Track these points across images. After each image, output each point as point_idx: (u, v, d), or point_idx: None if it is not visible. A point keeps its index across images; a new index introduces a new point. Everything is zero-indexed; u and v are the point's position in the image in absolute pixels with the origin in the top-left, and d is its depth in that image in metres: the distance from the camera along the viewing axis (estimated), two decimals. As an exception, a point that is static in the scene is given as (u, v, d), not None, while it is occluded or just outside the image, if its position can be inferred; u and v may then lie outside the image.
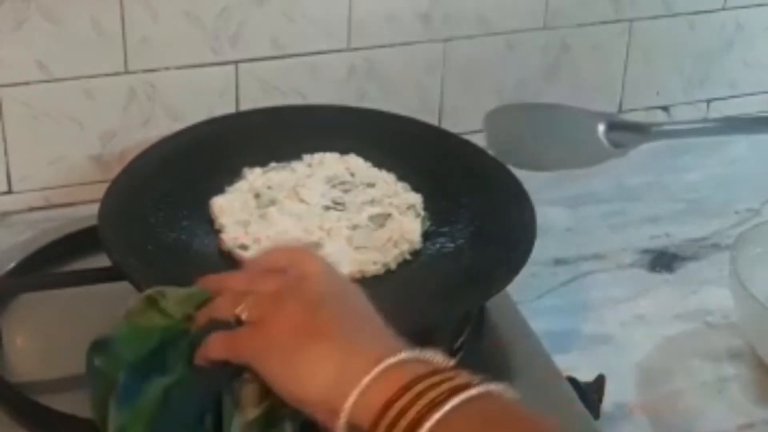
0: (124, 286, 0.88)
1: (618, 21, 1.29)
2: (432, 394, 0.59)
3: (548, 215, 1.10)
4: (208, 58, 1.15)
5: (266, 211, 0.96)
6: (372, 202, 0.99)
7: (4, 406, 0.88)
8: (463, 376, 0.61)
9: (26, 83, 1.10)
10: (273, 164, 1.02)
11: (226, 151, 1.03)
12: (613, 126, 0.84)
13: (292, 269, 0.68)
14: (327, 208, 0.98)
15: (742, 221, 1.18)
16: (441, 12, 1.21)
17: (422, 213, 0.98)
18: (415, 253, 0.95)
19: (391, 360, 0.61)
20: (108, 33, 1.10)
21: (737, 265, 0.99)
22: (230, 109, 1.17)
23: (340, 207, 0.98)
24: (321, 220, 0.96)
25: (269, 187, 0.99)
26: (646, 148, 1.33)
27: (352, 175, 1.02)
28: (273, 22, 1.16)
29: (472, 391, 0.60)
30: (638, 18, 1.30)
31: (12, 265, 1.01)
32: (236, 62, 1.16)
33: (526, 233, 0.94)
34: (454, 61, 1.24)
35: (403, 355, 0.62)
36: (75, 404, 0.88)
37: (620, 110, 1.34)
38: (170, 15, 1.12)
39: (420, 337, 0.62)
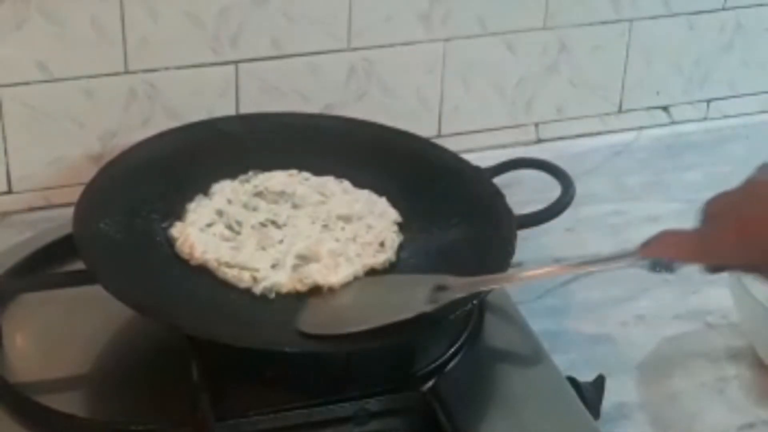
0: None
1: (618, 21, 1.29)
2: None
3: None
4: (208, 58, 1.15)
5: (235, 236, 0.98)
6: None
7: (4, 406, 0.88)
8: None
9: (26, 83, 1.10)
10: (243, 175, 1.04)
11: (201, 159, 1.05)
12: (440, 288, 0.88)
13: None
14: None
15: (742, 221, 1.18)
16: (441, 12, 1.21)
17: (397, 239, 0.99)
18: (391, 265, 0.97)
19: None
20: (108, 33, 1.10)
21: (737, 265, 0.99)
22: (230, 109, 1.17)
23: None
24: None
25: (230, 202, 1.01)
26: (646, 147, 1.34)
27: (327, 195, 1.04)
28: (273, 22, 1.16)
29: None
30: (638, 18, 1.30)
31: (12, 265, 1.01)
32: (236, 62, 1.16)
33: (501, 251, 0.94)
34: (454, 61, 1.24)
35: None
36: (75, 404, 0.88)
37: (620, 110, 1.35)
38: (170, 15, 1.12)
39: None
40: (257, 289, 0.92)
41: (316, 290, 0.93)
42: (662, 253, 0.77)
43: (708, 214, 0.75)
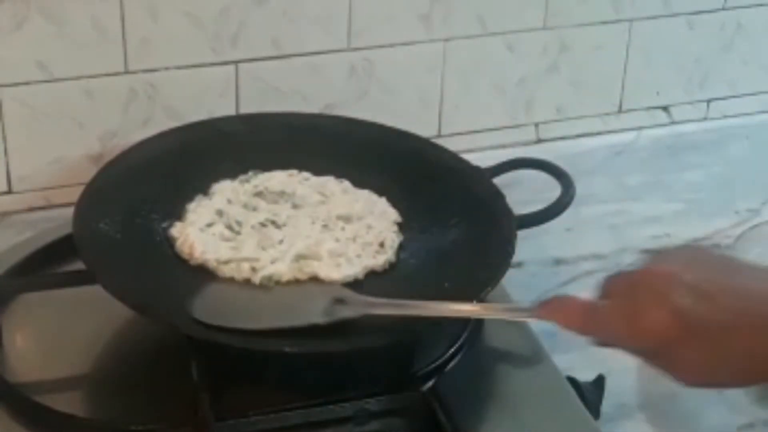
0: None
1: (618, 21, 1.29)
2: None
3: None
4: (208, 58, 1.15)
5: (235, 236, 0.98)
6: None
7: (4, 406, 0.88)
8: None
9: (26, 83, 1.10)
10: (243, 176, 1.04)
11: (201, 159, 1.05)
12: (339, 300, 0.87)
13: None
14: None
15: (742, 221, 1.18)
16: (441, 12, 1.21)
17: (397, 240, 0.99)
18: (390, 266, 0.97)
19: None
20: (108, 33, 1.10)
21: (737, 265, 0.99)
22: (230, 109, 1.17)
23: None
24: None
25: (230, 201, 1.01)
26: (646, 147, 1.34)
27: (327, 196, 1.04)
28: (273, 22, 1.16)
29: None
30: (638, 18, 1.30)
31: (12, 265, 1.01)
32: (236, 62, 1.16)
33: (501, 252, 0.94)
34: (454, 61, 1.24)
35: None
36: (75, 404, 0.88)
37: (620, 110, 1.35)
38: (170, 15, 1.12)
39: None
40: (256, 279, 0.92)
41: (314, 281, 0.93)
42: (554, 318, 0.77)
43: (606, 290, 0.76)
